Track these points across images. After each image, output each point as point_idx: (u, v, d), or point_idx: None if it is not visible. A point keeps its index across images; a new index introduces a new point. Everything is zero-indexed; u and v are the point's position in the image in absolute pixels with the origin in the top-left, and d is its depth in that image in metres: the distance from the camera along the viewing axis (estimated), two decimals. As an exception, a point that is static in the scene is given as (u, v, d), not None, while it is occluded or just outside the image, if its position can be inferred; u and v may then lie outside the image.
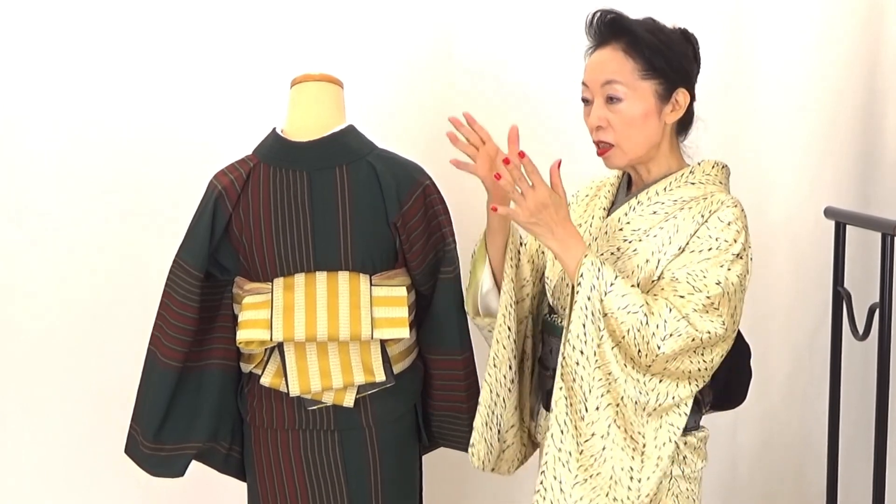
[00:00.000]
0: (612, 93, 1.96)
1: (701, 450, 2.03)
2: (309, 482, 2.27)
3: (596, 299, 1.86)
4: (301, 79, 2.30)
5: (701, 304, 1.87)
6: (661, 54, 1.95)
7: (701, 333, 1.86)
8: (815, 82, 3.21)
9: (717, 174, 2.05)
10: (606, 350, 1.88)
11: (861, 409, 3.22)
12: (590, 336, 1.87)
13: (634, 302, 1.86)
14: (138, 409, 2.31)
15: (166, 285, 2.26)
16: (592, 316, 1.87)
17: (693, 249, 1.92)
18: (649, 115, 1.97)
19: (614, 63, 1.96)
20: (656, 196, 2.01)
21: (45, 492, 3.03)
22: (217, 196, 2.22)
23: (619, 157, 2.00)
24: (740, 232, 1.93)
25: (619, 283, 1.87)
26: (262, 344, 2.23)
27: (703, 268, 1.89)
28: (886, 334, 2.66)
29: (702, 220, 1.94)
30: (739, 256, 1.92)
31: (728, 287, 1.88)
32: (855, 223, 2.87)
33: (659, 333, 1.85)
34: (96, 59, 2.93)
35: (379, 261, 2.24)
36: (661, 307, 1.86)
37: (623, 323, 1.85)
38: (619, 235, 2.01)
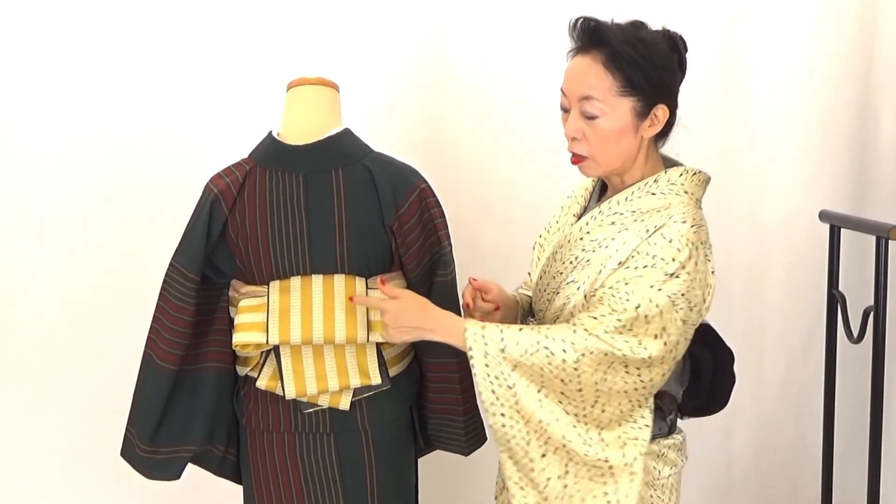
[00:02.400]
0: (588, 109, 1.94)
1: (666, 457, 2.02)
2: (305, 485, 2.28)
3: (495, 363, 1.88)
4: (297, 82, 2.30)
5: (612, 327, 1.87)
6: (641, 70, 1.91)
7: (614, 349, 1.86)
8: (810, 86, 3.21)
9: (683, 183, 2.01)
10: (527, 403, 1.88)
11: (856, 412, 3.22)
12: (503, 399, 1.89)
13: (530, 341, 1.88)
14: (134, 412, 2.31)
15: (162, 288, 2.26)
16: (497, 380, 1.88)
17: (630, 265, 1.91)
18: (625, 131, 1.95)
19: (593, 77, 1.93)
20: (617, 206, 2.00)
21: (41, 494, 3.04)
22: (213, 199, 2.22)
23: (593, 168, 2.00)
24: (681, 250, 1.89)
25: (507, 334, 1.89)
26: (258, 347, 2.23)
27: (631, 288, 1.88)
28: (881, 337, 2.66)
29: (646, 234, 1.92)
30: (675, 275, 1.88)
31: (650, 309, 1.86)
32: (850, 226, 2.88)
33: (569, 356, 1.86)
34: (96, 61, 2.94)
35: (375, 264, 2.24)
36: (560, 331, 1.88)
37: (534, 364, 1.87)
38: (580, 244, 2.01)
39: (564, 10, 2.92)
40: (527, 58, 3.05)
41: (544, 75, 3.04)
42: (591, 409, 1.89)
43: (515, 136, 3.08)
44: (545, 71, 3.03)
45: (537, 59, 3.05)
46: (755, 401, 3.33)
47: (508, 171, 3.09)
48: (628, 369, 1.88)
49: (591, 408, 1.89)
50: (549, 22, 3.03)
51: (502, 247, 3.10)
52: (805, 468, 3.33)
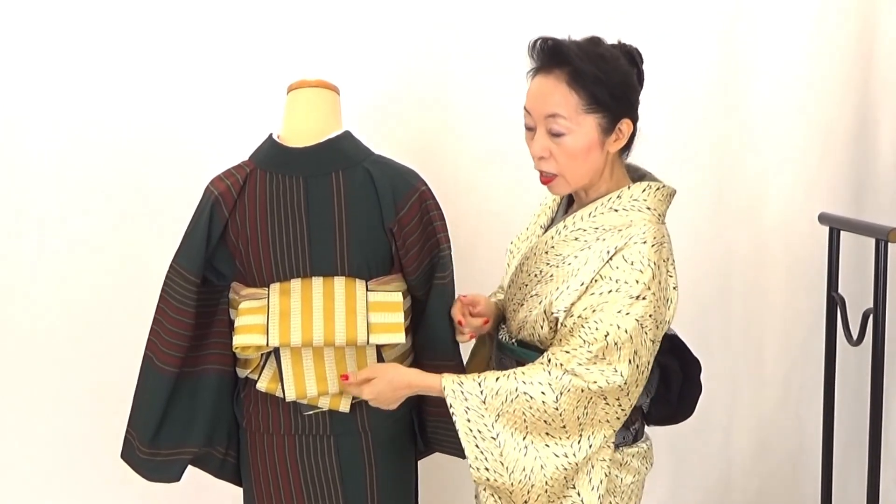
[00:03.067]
0: (555, 127, 1.95)
1: (629, 465, 2.05)
2: (305, 487, 2.28)
3: (476, 416, 1.93)
4: (297, 85, 2.30)
5: (585, 359, 1.90)
6: (605, 87, 1.92)
7: (588, 383, 1.89)
8: (809, 88, 3.22)
9: (645, 199, 2.01)
10: (510, 453, 1.92)
11: (855, 414, 3.23)
12: (487, 453, 1.93)
13: (508, 389, 1.92)
14: (134, 414, 2.31)
15: (163, 290, 2.26)
16: (480, 434, 1.93)
17: (594, 291, 1.93)
18: (592, 147, 1.96)
19: (557, 95, 1.94)
20: (581, 222, 2.01)
21: (41, 496, 3.03)
22: (213, 201, 2.23)
23: (562, 185, 2.02)
24: (643, 271, 1.91)
25: (486, 385, 1.93)
26: (258, 349, 2.23)
27: (599, 317, 1.90)
28: (880, 340, 2.67)
29: (607, 256, 1.94)
30: (640, 297, 1.90)
31: (619, 336, 1.89)
32: (849, 229, 2.88)
33: (548, 397, 1.90)
34: (96, 62, 2.93)
35: (375, 266, 2.24)
36: (536, 373, 1.92)
37: (515, 411, 1.91)
38: (544, 258, 2.03)
39: (564, 13, 2.95)
40: (527, 61, 3.05)
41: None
42: (577, 446, 1.93)
43: (515, 139, 3.06)
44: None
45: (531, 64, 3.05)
46: (755, 402, 3.33)
47: (508, 174, 3.08)
48: (608, 401, 1.92)
49: (578, 444, 1.93)
50: (548, 25, 3.02)
51: (501, 250, 3.09)
52: (805, 469, 3.33)
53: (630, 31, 2.90)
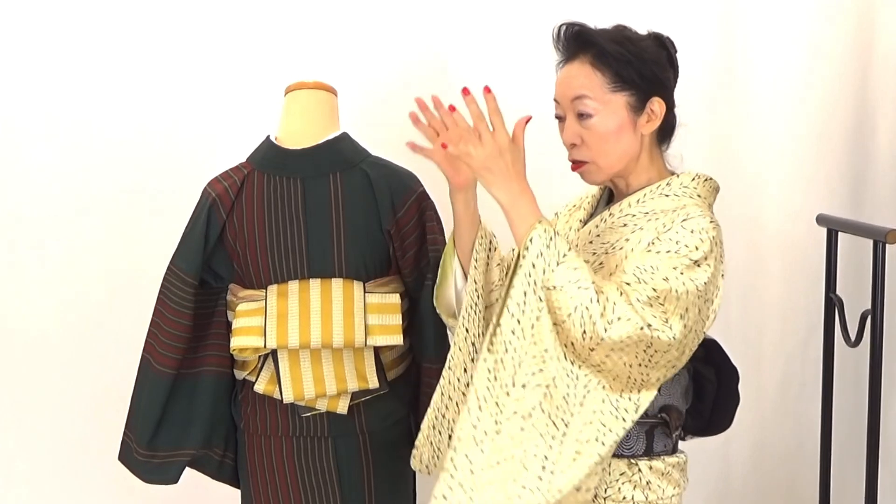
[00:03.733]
0: (582, 108, 1.90)
1: (671, 475, 1.92)
2: (303, 489, 2.28)
3: (540, 269, 1.75)
4: (295, 86, 2.30)
5: (646, 296, 1.76)
6: (630, 65, 1.88)
7: (645, 324, 1.73)
8: (806, 90, 3.22)
9: (695, 187, 1.95)
10: (545, 327, 1.75)
11: (853, 415, 3.22)
12: (530, 307, 1.75)
13: (585, 277, 1.74)
14: (132, 416, 2.31)
15: (160, 292, 2.26)
16: (535, 285, 1.75)
17: (652, 249, 1.82)
18: (623, 128, 1.89)
19: (582, 77, 1.89)
20: (628, 208, 1.93)
21: (38, 497, 3.03)
22: (211, 203, 2.23)
23: (595, 173, 1.94)
24: (703, 241, 1.81)
25: (571, 256, 1.76)
26: (255, 351, 2.23)
27: (654, 264, 1.79)
28: (878, 341, 2.66)
29: (664, 228, 1.85)
30: (697, 264, 1.80)
31: (677, 285, 1.77)
32: (847, 230, 2.88)
33: (607, 315, 1.73)
34: (93, 64, 2.93)
35: (372, 268, 2.24)
36: (611, 289, 1.75)
37: (572, 298, 1.73)
38: (589, 248, 1.95)
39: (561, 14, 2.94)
40: (525, 64, 3.05)
41: (542, 82, 3.04)
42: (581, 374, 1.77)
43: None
44: (543, 77, 3.03)
45: (535, 66, 3.04)
46: (753, 403, 3.33)
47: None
48: (648, 351, 1.77)
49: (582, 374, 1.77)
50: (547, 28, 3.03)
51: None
52: (803, 471, 3.33)
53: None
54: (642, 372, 1.78)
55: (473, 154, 1.80)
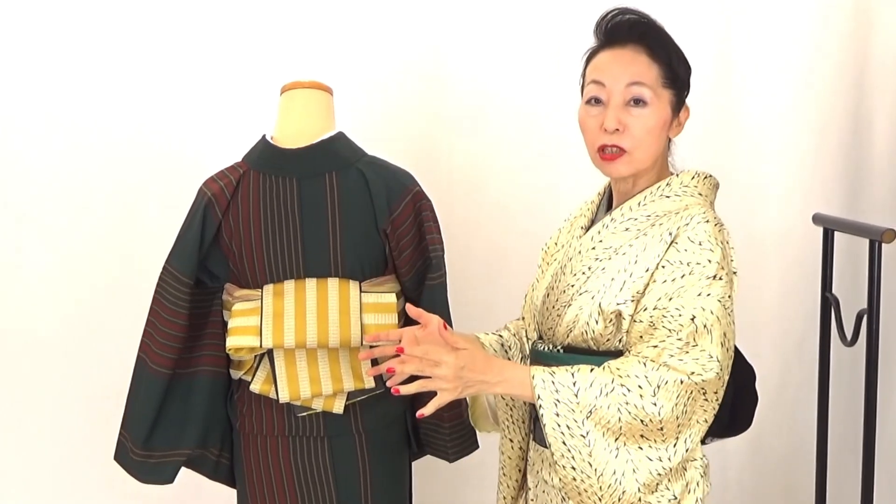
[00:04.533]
0: (639, 95, 1.84)
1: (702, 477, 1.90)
2: (299, 489, 2.27)
3: (566, 410, 1.75)
4: (291, 86, 2.30)
5: (676, 349, 1.76)
6: (680, 64, 1.88)
7: (686, 375, 1.74)
8: (804, 90, 3.22)
9: (696, 185, 1.92)
10: (600, 453, 1.75)
11: (849, 415, 3.23)
12: (574, 451, 1.75)
13: (605, 382, 1.75)
14: (128, 416, 2.31)
15: (156, 292, 2.26)
16: (569, 430, 1.75)
17: (665, 279, 1.80)
18: (665, 126, 1.87)
19: (640, 65, 1.85)
20: (630, 212, 1.90)
21: (35, 498, 3.03)
22: (207, 203, 2.22)
23: (626, 164, 1.87)
24: (713, 250, 1.80)
25: (580, 377, 1.76)
26: (251, 350, 2.23)
27: (680, 303, 1.77)
28: (874, 340, 2.66)
29: (670, 238, 1.82)
30: (716, 277, 1.79)
31: (706, 318, 1.77)
32: (843, 230, 2.88)
33: (646, 391, 1.73)
34: (89, 65, 2.94)
35: (368, 267, 2.24)
36: (632, 365, 1.76)
37: (610, 406, 1.74)
38: (592, 254, 1.91)
39: (560, 20, 2.95)
40: (523, 65, 3.06)
41: (539, 84, 3.05)
42: (673, 449, 1.78)
43: (510, 142, 3.08)
44: (540, 79, 3.04)
45: (533, 68, 3.05)
46: (749, 403, 3.33)
47: (502, 177, 3.09)
48: (706, 395, 1.78)
49: (675, 447, 1.77)
50: (545, 31, 3.03)
51: (494, 251, 3.10)
52: (799, 470, 3.33)
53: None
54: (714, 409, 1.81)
55: (444, 394, 1.77)
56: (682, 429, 1.77)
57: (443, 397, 1.76)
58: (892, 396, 3.35)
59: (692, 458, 1.85)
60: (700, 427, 1.79)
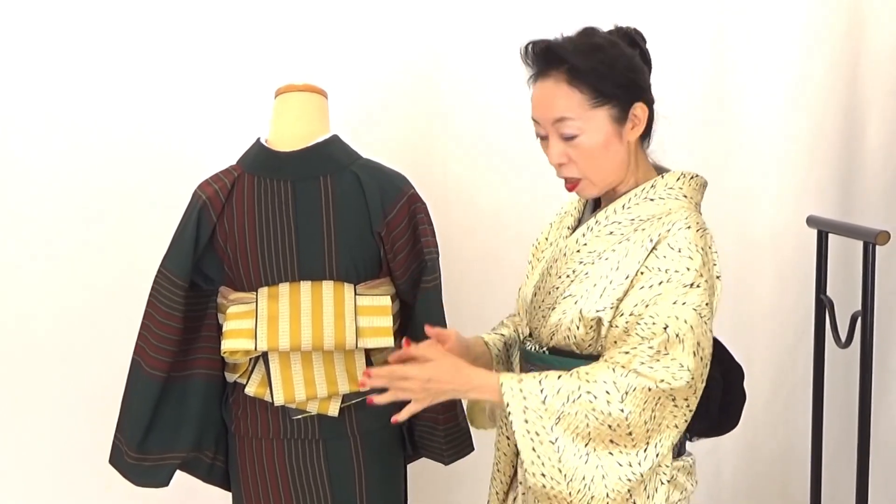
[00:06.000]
0: (565, 130, 1.84)
1: (676, 480, 1.90)
2: (294, 491, 2.27)
3: (535, 417, 1.76)
4: (285, 89, 2.30)
5: (647, 356, 1.76)
6: (607, 77, 1.83)
7: (654, 382, 1.75)
8: (797, 93, 3.22)
9: (681, 187, 1.91)
10: (570, 459, 1.76)
11: (844, 416, 3.23)
12: (545, 457, 1.77)
13: (571, 387, 1.76)
14: (122, 419, 2.31)
15: (150, 295, 2.26)
16: (538, 436, 1.76)
17: (643, 285, 1.80)
18: (610, 141, 1.85)
19: (561, 98, 1.84)
20: (614, 215, 1.89)
21: (32, 500, 3.03)
22: (201, 206, 2.22)
23: (589, 188, 1.90)
24: (692, 257, 1.79)
25: (547, 384, 1.77)
26: (246, 353, 2.23)
27: (655, 311, 1.77)
28: (869, 342, 2.67)
29: (651, 245, 1.82)
30: (694, 285, 1.78)
31: (679, 327, 1.76)
32: (837, 232, 2.88)
33: (613, 397, 1.74)
34: (89, 65, 2.94)
35: (363, 270, 2.24)
36: (601, 371, 1.77)
37: (577, 413, 1.75)
38: (576, 257, 1.91)
39: (554, 16, 2.95)
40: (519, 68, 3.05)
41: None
42: (643, 454, 1.78)
43: (505, 144, 3.08)
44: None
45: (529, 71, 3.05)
46: (744, 405, 3.34)
47: (497, 178, 3.09)
48: (676, 402, 1.78)
49: (644, 452, 1.78)
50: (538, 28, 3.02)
51: (489, 254, 3.10)
52: (794, 472, 3.33)
53: (619, 34, 2.92)
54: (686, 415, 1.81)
55: (415, 405, 1.85)
56: (651, 434, 1.78)
57: (414, 406, 1.84)
58: (886, 398, 3.35)
59: (662, 463, 1.84)
60: (671, 433, 1.80)
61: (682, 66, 3.14)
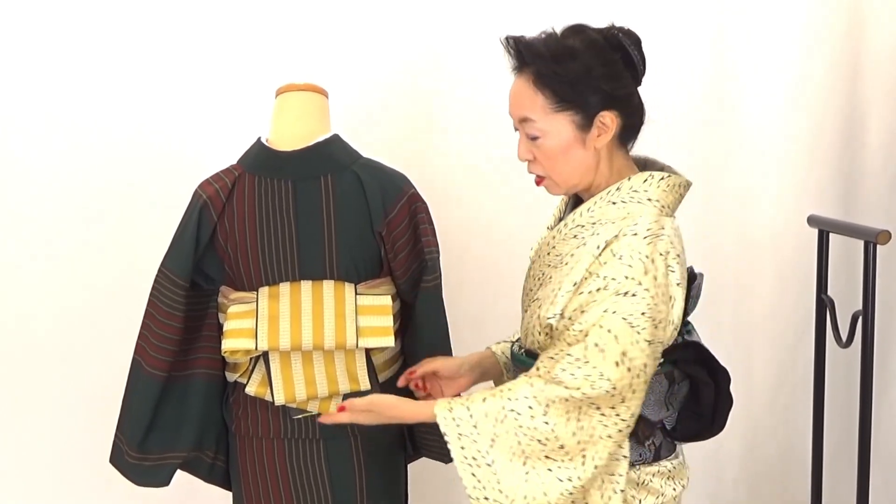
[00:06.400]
0: (528, 130, 1.86)
1: (649, 485, 1.90)
2: (294, 491, 2.27)
3: (469, 442, 1.78)
4: (285, 88, 2.30)
5: (567, 363, 1.76)
6: (572, 85, 1.81)
7: (572, 391, 1.74)
8: (797, 93, 3.22)
9: (646, 190, 1.87)
10: (509, 480, 1.77)
11: (845, 416, 3.23)
12: (485, 481, 1.78)
13: (496, 408, 1.77)
14: (123, 419, 2.31)
15: (151, 294, 2.26)
16: (475, 461, 1.78)
17: (583, 290, 1.79)
18: (570, 147, 1.84)
19: (526, 98, 1.84)
20: (579, 218, 1.89)
21: (32, 499, 3.03)
22: (202, 205, 2.22)
23: (553, 186, 1.91)
24: (632, 265, 1.77)
25: (474, 408, 1.78)
26: (247, 353, 2.23)
27: (584, 319, 1.77)
28: (869, 342, 2.67)
29: (597, 251, 1.81)
30: (628, 294, 1.76)
31: (600, 336, 1.75)
32: (838, 231, 2.88)
33: (536, 412, 1.76)
34: (89, 65, 2.94)
35: (364, 270, 2.24)
36: (521, 387, 1.78)
37: (507, 433, 1.76)
38: (546, 260, 1.92)
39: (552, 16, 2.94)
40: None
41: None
42: (582, 468, 1.77)
43: (504, 142, 3.07)
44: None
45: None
46: (745, 404, 3.33)
47: (497, 177, 3.09)
48: (602, 411, 1.77)
49: (583, 465, 1.77)
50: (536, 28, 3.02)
51: (490, 253, 3.10)
52: (795, 472, 3.33)
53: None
54: (618, 426, 1.79)
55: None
56: (586, 446, 1.78)
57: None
58: (887, 398, 3.35)
59: (611, 471, 1.83)
60: (605, 443, 1.78)
61: (682, 66, 3.15)
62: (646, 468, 1.90)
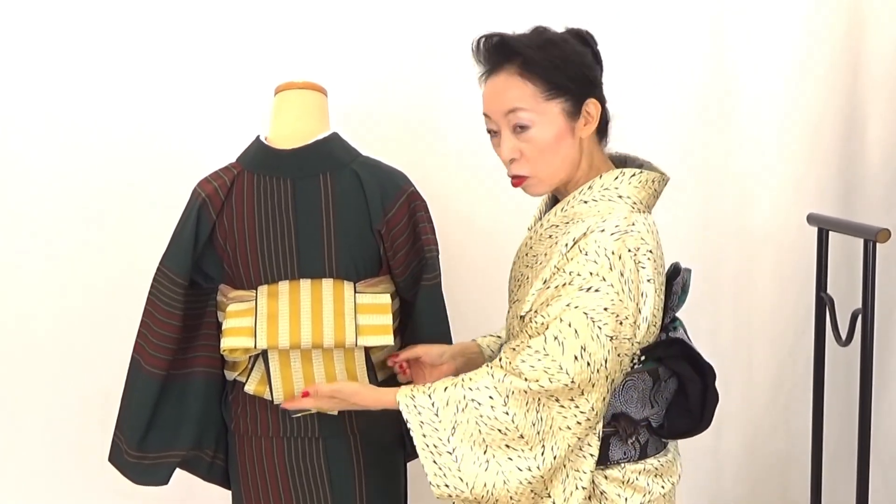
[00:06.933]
0: (518, 121, 1.84)
1: (635, 483, 1.89)
2: (293, 490, 2.27)
3: (430, 430, 1.80)
4: (285, 86, 2.30)
5: (527, 355, 1.78)
6: (560, 69, 1.83)
7: (530, 383, 1.76)
8: (798, 91, 3.22)
9: (617, 188, 1.88)
10: (469, 468, 1.79)
11: (844, 415, 3.23)
12: (445, 468, 1.80)
13: (457, 397, 1.79)
14: (122, 418, 2.30)
15: (150, 293, 2.26)
16: (437, 449, 1.80)
17: (550, 285, 1.81)
18: (562, 135, 1.85)
19: (514, 89, 1.84)
20: (554, 217, 1.90)
21: (30, 499, 3.03)
22: (201, 204, 2.22)
23: (537, 185, 1.90)
24: (597, 261, 1.78)
25: (436, 396, 1.80)
26: (246, 352, 2.23)
27: (547, 312, 1.78)
28: (869, 340, 2.67)
29: (565, 249, 1.82)
30: (591, 289, 1.77)
31: (559, 329, 1.76)
32: (838, 229, 2.88)
33: (496, 402, 1.77)
34: (89, 65, 2.95)
35: (363, 268, 2.24)
36: (482, 377, 1.79)
37: (469, 421, 1.78)
38: (524, 261, 1.94)
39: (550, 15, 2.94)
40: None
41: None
42: (541, 458, 1.79)
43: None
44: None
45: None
46: (744, 403, 3.34)
47: (496, 176, 3.07)
48: (561, 403, 1.78)
49: (542, 455, 1.79)
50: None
51: (488, 252, 3.10)
52: (794, 470, 3.33)
53: (619, 31, 2.92)
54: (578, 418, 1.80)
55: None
56: (545, 437, 1.79)
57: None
58: (886, 396, 3.35)
59: (577, 467, 1.84)
60: (564, 434, 1.80)
61: (682, 66, 3.15)
62: (631, 466, 1.90)
